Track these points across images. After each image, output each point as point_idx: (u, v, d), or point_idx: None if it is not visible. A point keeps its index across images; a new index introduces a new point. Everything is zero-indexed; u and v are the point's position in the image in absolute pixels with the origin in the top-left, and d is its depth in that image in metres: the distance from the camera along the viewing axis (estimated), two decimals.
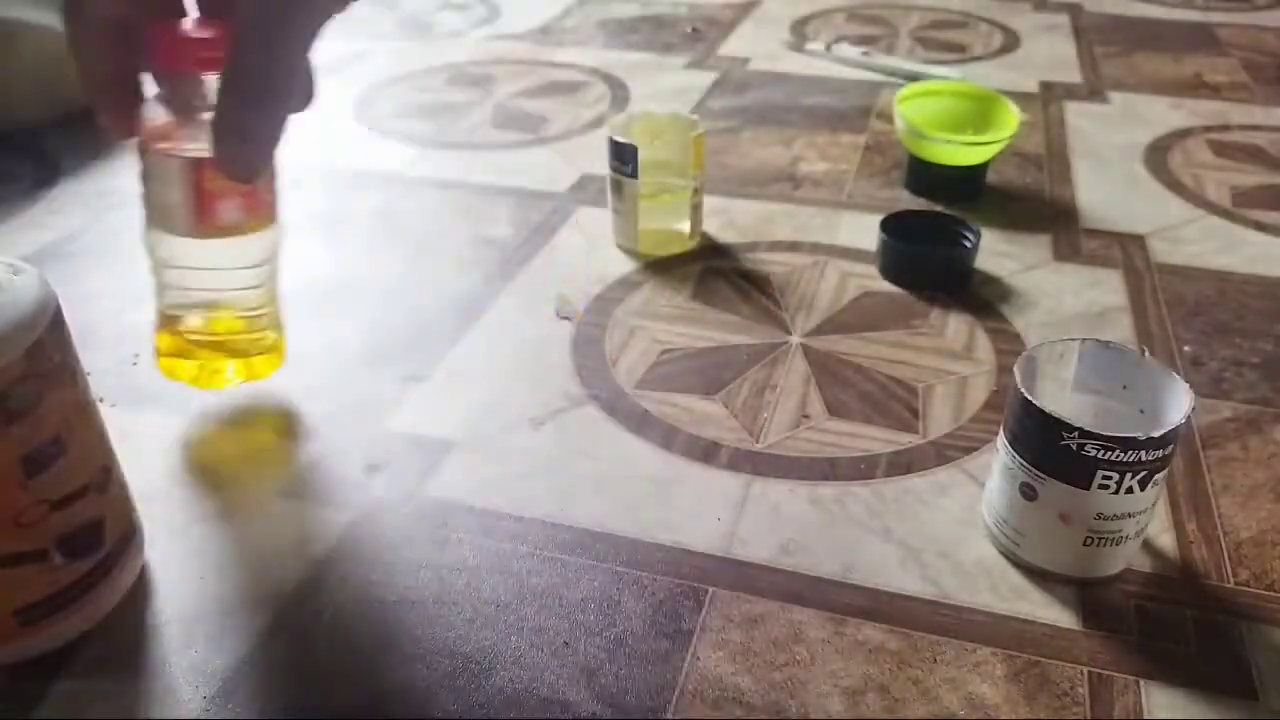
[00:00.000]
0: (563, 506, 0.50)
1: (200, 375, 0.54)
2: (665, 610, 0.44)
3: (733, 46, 1.19)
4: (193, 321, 0.53)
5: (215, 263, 0.50)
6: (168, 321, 0.53)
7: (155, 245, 0.50)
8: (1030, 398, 0.43)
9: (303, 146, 0.92)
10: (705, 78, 1.09)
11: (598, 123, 0.97)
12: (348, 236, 0.77)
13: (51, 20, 0.90)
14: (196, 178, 0.47)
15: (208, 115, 0.41)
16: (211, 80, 0.42)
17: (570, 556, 0.47)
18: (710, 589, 0.45)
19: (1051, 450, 0.43)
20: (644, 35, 1.23)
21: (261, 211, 0.50)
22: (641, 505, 0.50)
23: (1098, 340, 0.47)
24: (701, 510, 0.50)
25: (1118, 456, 0.41)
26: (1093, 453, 0.42)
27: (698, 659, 0.42)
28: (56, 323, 0.39)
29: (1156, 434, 0.41)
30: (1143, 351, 0.46)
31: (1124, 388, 0.47)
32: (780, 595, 0.45)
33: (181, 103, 0.45)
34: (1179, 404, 0.44)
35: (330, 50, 1.18)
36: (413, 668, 0.41)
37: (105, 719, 0.39)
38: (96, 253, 0.51)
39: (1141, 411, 0.46)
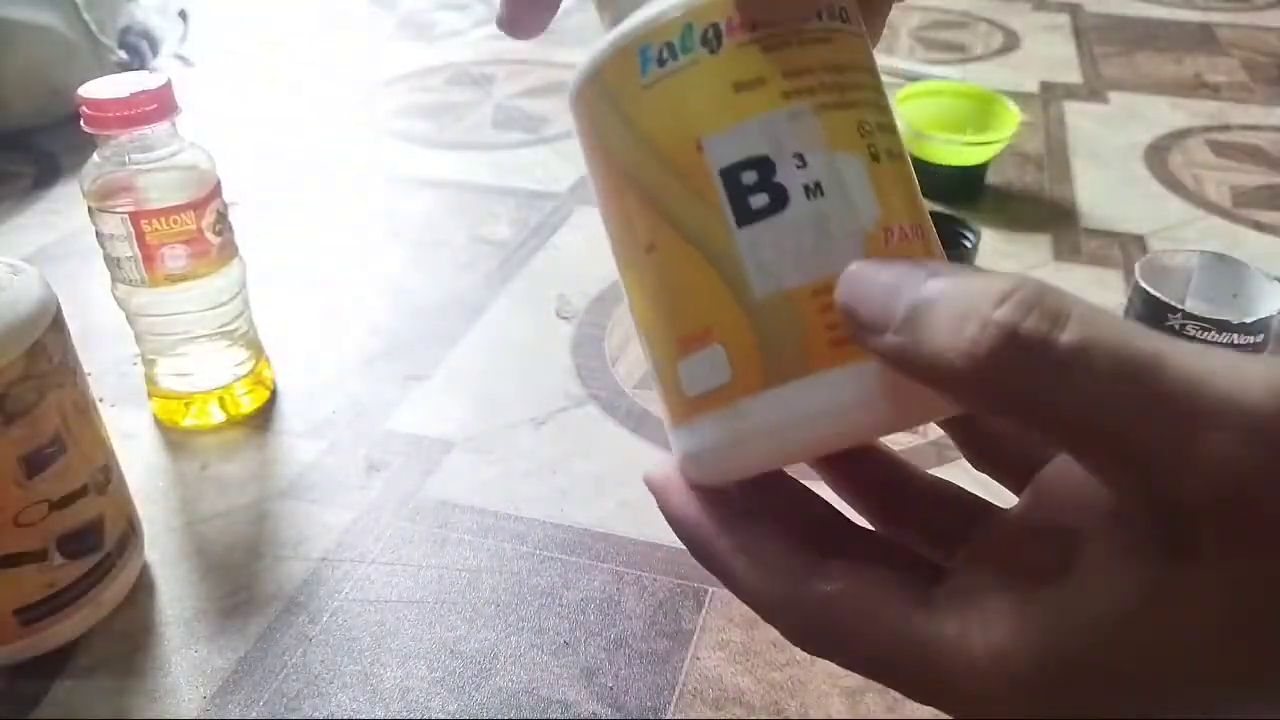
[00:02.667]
0: (563, 506, 0.50)
1: (190, 414, 0.55)
2: (665, 610, 0.44)
3: None
4: (171, 365, 0.54)
5: (179, 308, 0.52)
6: (150, 366, 0.55)
7: (122, 299, 0.52)
8: (1145, 285, 0.53)
9: (303, 147, 0.92)
10: None
11: None
12: (348, 236, 0.77)
13: (51, 20, 0.90)
14: (137, 231, 0.49)
15: (143, 170, 0.48)
16: (139, 134, 0.48)
17: (570, 556, 0.47)
18: (710, 589, 0.45)
19: (1158, 330, 0.48)
20: None
21: (210, 255, 0.52)
22: (641, 505, 0.50)
23: (1214, 253, 0.56)
24: None
25: (1214, 338, 0.49)
26: (1194, 334, 0.51)
27: (698, 659, 0.42)
28: (56, 323, 0.39)
29: (1249, 319, 0.50)
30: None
31: (1234, 295, 0.55)
32: None
33: (118, 161, 0.48)
34: (1275, 306, 0.52)
35: (330, 50, 1.18)
36: (413, 667, 0.41)
37: (105, 719, 0.39)
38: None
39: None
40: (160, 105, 0.47)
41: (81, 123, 0.47)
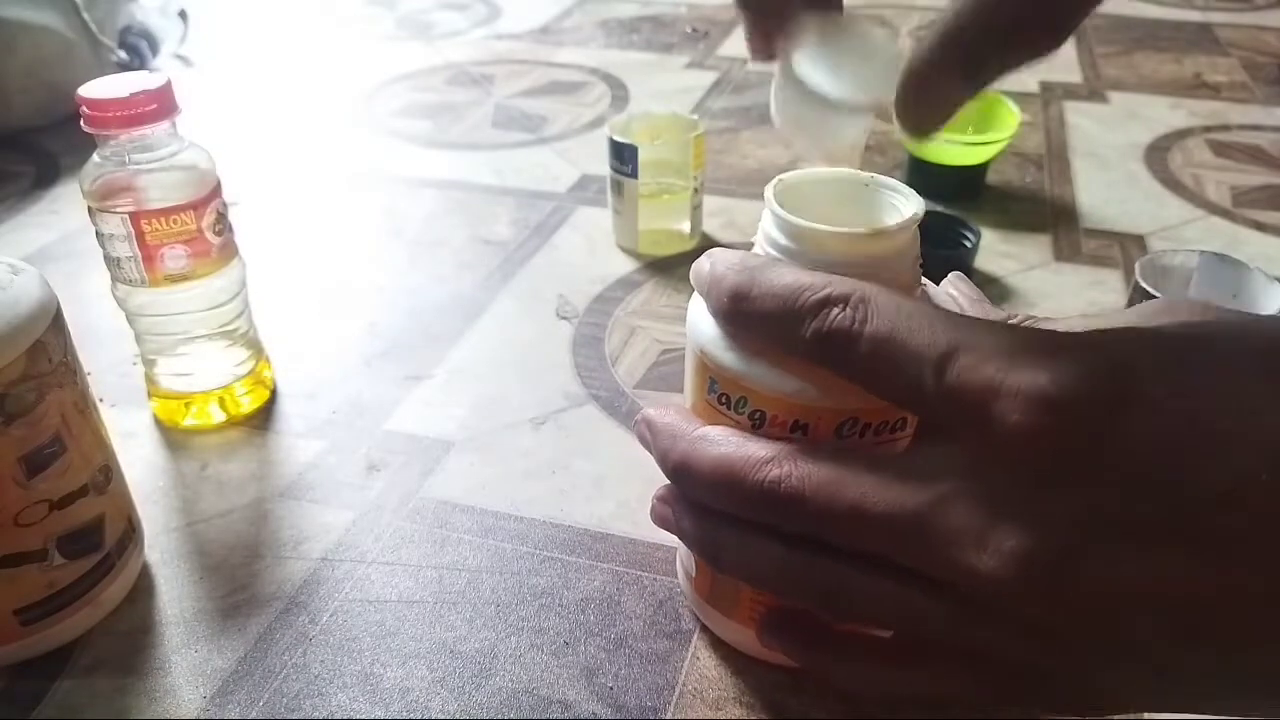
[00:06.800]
0: (563, 506, 0.50)
1: (190, 414, 0.55)
2: (665, 610, 0.44)
3: (733, 46, 1.18)
4: (171, 365, 0.54)
5: (179, 308, 0.52)
6: (150, 366, 0.55)
7: (122, 299, 0.52)
8: (1145, 284, 0.52)
9: (303, 147, 0.92)
10: (705, 78, 1.09)
11: (598, 123, 0.97)
12: (348, 236, 0.77)
13: (51, 20, 0.90)
14: (137, 231, 0.49)
15: (143, 170, 0.48)
16: (139, 134, 0.47)
17: (570, 556, 0.47)
18: None
19: None
20: (644, 35, 1.23)
21: (210, 255, 0.51)
22: (641, 505, 0.50)
23: (1214, 253, 0.56)
24: None
25: None
26: None
27: (698, 659, 0.42)
28: (56, 323, 0.39)
29: None
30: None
31: (1233, 296, 0.54)
32: None
33: (118, 161, 0.48)
34: (1274, 306, 0.52)
35: (330, 50, 1.18)
36: (413, 667, 0.41)
37: (105, 719, 0.39)
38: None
39: None
40: (160, 105, 0.47)
41: (81, 123, 0.47)
